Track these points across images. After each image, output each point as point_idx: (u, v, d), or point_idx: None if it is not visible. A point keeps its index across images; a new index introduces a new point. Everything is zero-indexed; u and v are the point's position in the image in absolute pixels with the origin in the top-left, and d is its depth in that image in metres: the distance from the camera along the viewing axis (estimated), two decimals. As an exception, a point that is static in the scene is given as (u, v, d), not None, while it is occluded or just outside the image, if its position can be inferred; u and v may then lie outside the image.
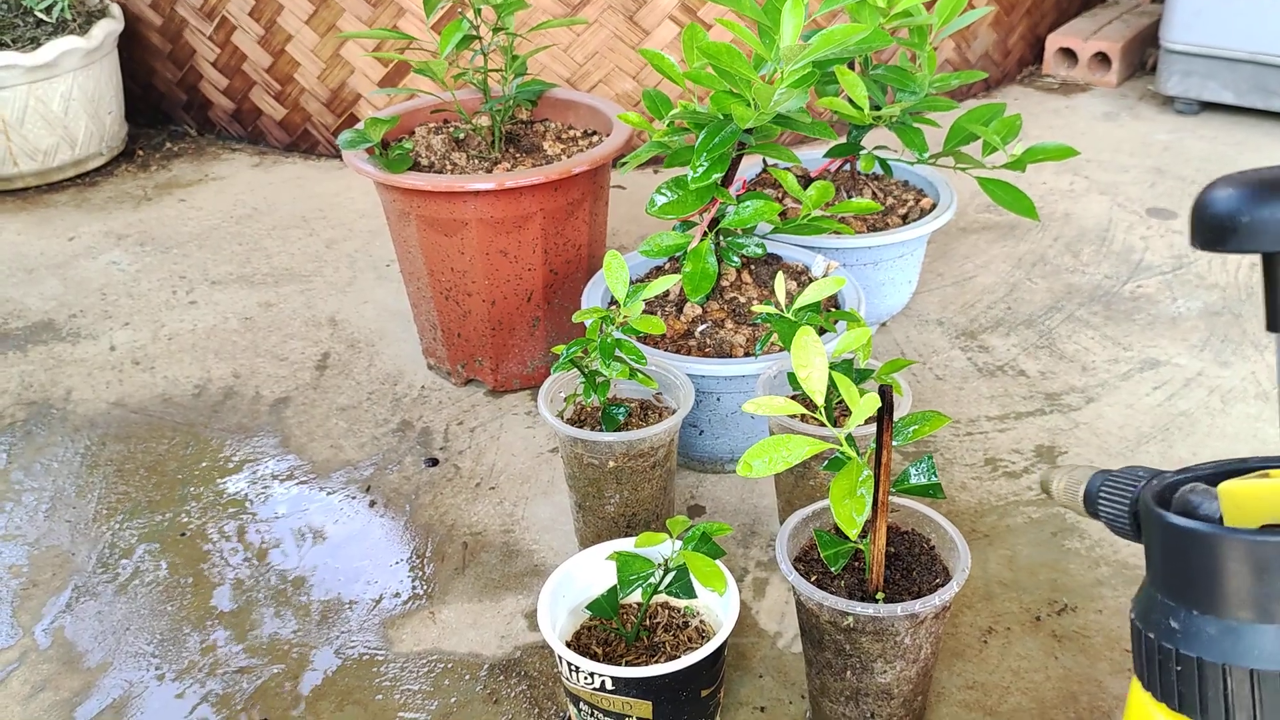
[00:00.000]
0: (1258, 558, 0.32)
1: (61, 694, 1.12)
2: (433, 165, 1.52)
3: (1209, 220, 0.32)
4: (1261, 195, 0.31)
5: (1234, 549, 0.32)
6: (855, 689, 0.96)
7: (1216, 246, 0.32)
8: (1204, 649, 0.33)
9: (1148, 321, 1.69)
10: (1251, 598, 0.32)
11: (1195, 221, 0.33)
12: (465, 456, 1.45)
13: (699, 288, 1.28)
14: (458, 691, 1.11)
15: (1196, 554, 0.33)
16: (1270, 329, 0.34)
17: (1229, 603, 0.33)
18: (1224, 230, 0.32)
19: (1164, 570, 0.34)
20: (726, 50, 1.08)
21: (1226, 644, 0.32)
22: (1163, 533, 0.34)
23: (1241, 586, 0.32)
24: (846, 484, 0.91)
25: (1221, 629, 0.33)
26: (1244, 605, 0.32)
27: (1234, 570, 0.32)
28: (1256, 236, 0.31)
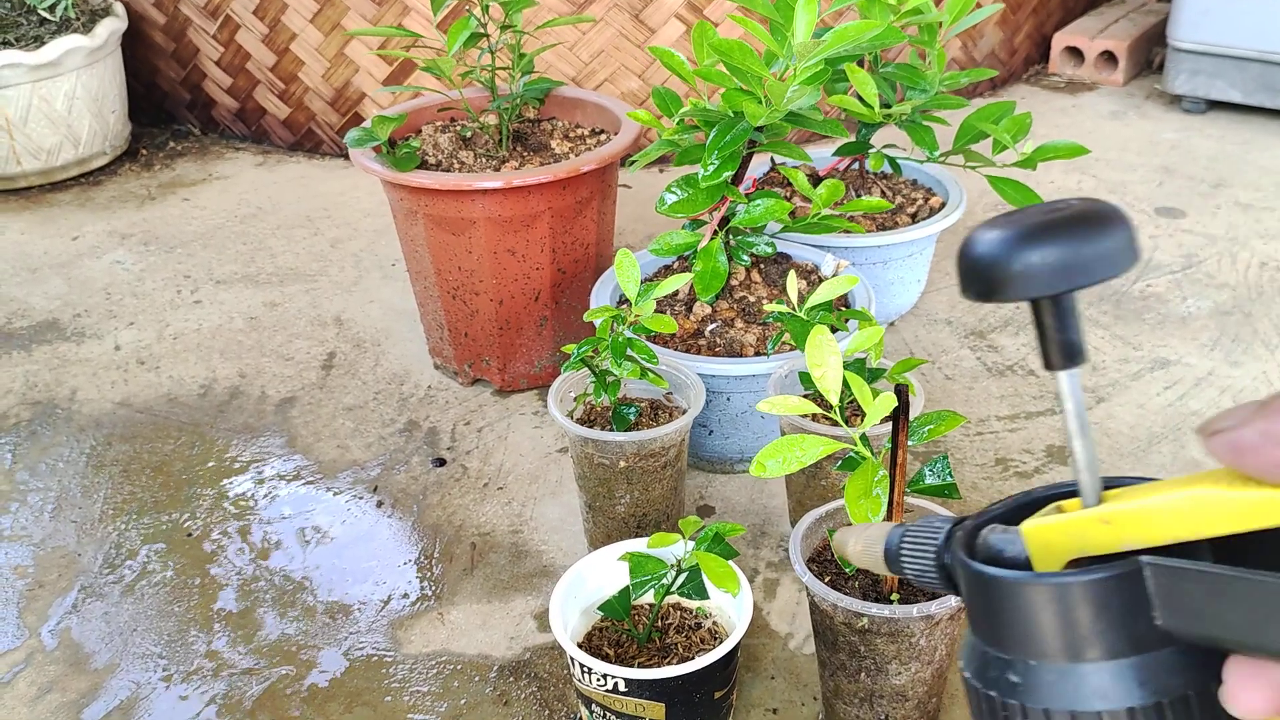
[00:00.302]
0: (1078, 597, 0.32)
1: (69, 695, 1.12)
2: (440, 164, 1.51)
3: (971, 272, 0.32)
4: (1021, 244, 0.30)
5: (1054, 592, 0.32)
6: (870, 691, 0.96)
7: (987, 299, 0.32)
8: (1049, 699, 0.32)
9: (1158, 321, 1.68)
10: (1081, 636, 0.32)
11: (963, 274, 0.32)
12: (473, 456, 1.44)
13: (710, 287, 1.27)
14: (467, 693, 1.10)
15: (1019, 602, 0.32)
16: (1047, 369, 0.33)
17: (1061, 645, 0.32)
18: (989, 281, 0.31)
19: (988, 622, 0.34)
20: (739, 47, 1.07)
21: (1068, 689, 0.32)
22: (981, 585, 0.34)
23: (1069, 627, 0.32)
24: (862, 484, 0.90)
25: (1061, 674, 0.32)
26: (1076, 646, 0.32)
27: (1059, 612, 0.32)
28: (1025, 285, 0.31)
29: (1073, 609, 0.32)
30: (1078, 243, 0.31)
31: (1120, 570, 0.31)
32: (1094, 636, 0.32)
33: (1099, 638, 0.32)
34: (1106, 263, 0.31)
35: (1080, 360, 0.33)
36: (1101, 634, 0.32)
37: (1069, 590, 0.32)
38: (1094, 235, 0.31)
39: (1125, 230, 0.31)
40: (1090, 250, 0.31)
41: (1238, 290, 1.75)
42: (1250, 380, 1.53)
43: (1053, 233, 0.31)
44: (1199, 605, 0.30)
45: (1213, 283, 1.77)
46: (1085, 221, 0.31)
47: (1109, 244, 0.31)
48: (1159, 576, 0.31)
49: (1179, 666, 0.31)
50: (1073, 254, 0.30)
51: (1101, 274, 0.31)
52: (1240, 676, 0.30)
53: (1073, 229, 0.31)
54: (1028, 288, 0.31)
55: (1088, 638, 0.32)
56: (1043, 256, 0.30)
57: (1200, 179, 2.13)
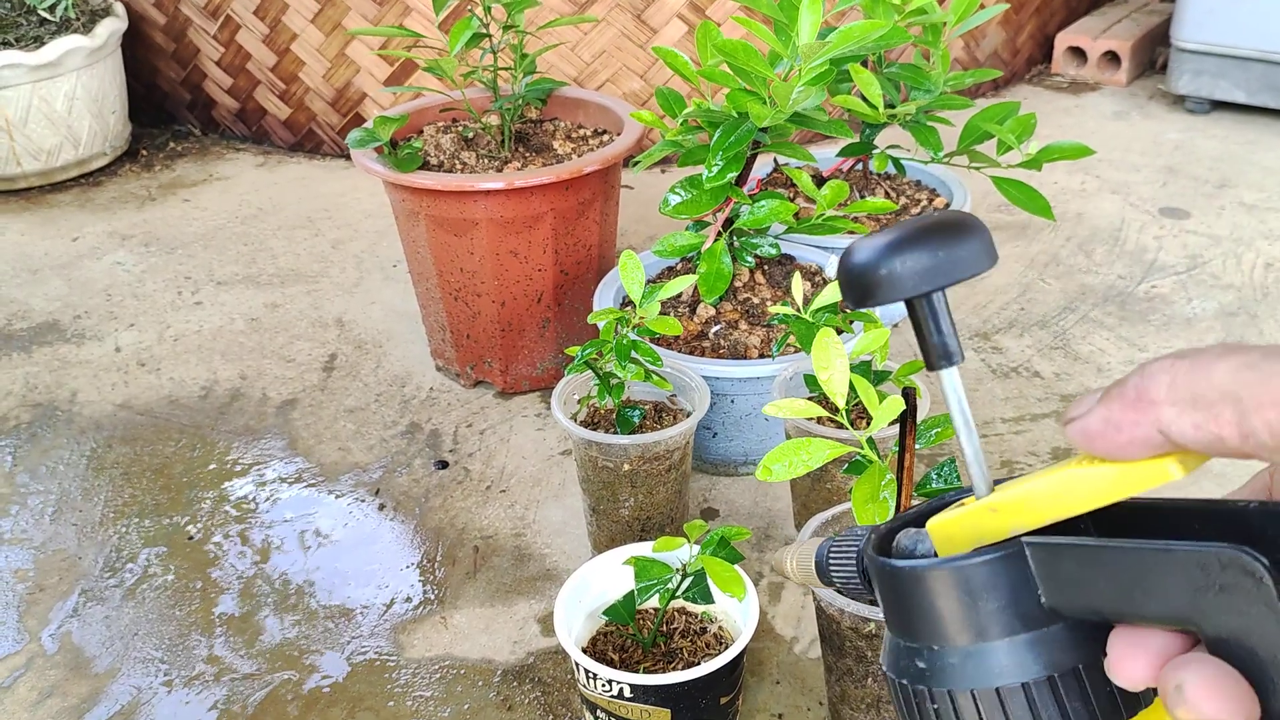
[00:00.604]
0: (970, 580, 0.34)
1: (69, 700, 1.11)
2: (442, 165, 1.50)
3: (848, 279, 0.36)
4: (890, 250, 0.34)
5: (947, 576, 0.34)
6: (876, 696, 0.95)
7: (863, 304, 0.35)
8: (951, 680, 0.34)
9: (1163, 322, 1.67)
10: (975, 619, 0.34)
11: (841, 284, 0.36)
12: (475, 459, 1.44)
13: (714, 288, 1.27)
14: (470, 698, 1.09)
15: (920, 590, 0.35)
16: (929, 369, 0.36)
17: (958, 629, 0.34)
18: (864, 285, 0.35)
19: (896, 614, 0.36)
20: (743, 48, 1.07)
21: (968, 670, 0.34)
22: (888, 578, 0.36)
23: (964, 610, 0.34)
24: (869, 488, 0.90)
25: (961, 656, 0.34)
26: (971, 628, 0.34)
27: (953, 596, 0.34)
28: (895, 286, 0.34)
29: (963, 592, 0.34)
30: (937, 248, 0.34)
31: (1002, 552, 0.34)
32: (987, 617, 0.34)
33: (992, 618, 0.34)
34: (964, 264, 0.34)
35: (956, 360, 0.36)
36: (993, 615, 0.34)
37: (955, 573, 0.34)
38: (952, 240, 0.34)
39: (981, 235, 0.35)
40: (949, 254, 0.34)
41: (1243, 291, 1.74)
42: (1256, 382, 1.52)
43: (915, 240, 0.34)
44: (1076, 578, 0.33)
45: (1218, 284, 1.76)
46: (944, 229, 0.35)
47: (966, 248, 0.34)
48: (1038, 554, 0.33)
49: (1069, 642, 0.33)
50: (933, 258, 0.34)
51: (960, 274, 0.34)
52: (1121, 647, 0.32)
53: (932, 236, 0.34)
54: (897, 290, 0.34)
55: (981, 619, 0.34)
56: (906, 261, 0.34)
57: (1204, 179, 2.12)
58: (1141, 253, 1.87)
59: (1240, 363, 0.29)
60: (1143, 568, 0.31)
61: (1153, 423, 0.30)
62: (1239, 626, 0.29)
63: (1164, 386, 0.30)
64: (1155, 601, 0.31)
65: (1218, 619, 0.30)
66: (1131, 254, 1.87)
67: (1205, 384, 0.29)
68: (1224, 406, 0.28)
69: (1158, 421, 0.30)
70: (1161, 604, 0.31)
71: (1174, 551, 0.30)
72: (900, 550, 0.38)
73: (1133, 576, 0.31)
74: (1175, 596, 0.30)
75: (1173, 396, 0.29)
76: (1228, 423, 0.28)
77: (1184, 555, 0.30)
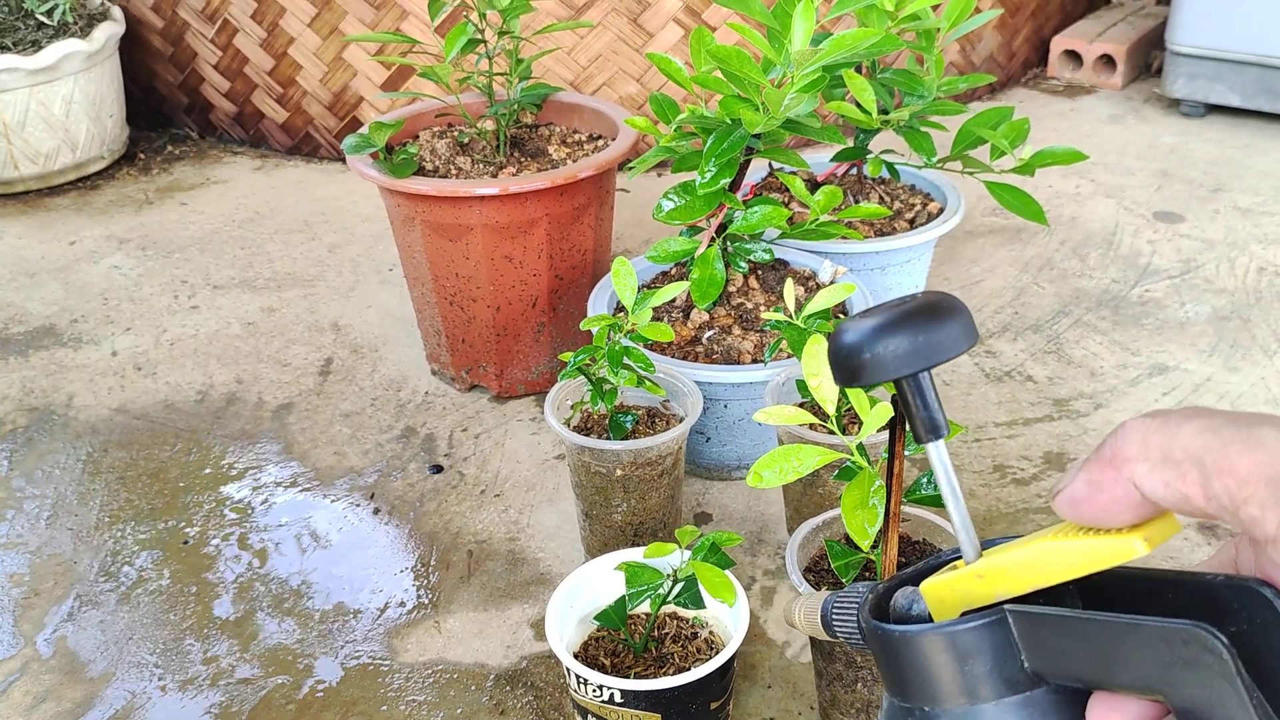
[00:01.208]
0: (957, 645, 0.35)
1: (64, 705, 1.11)
2: (437, 170, 1.51)
3: (837, 360, 0.37)
4: (876, 335, 0.36)
5: (935, 642, 0.36)
6: (866, 701, 0.95)
7: (852, 384, 0.37)
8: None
9: (1156, 326, 1.68)
10: (963, 682, 0.35)
11: (832, 366, 0.38)
12: (470, 463, 1.44)
13: (707, 294, 1.27)
14: (463, 702, 1.09)
15: (910, 654, 0.36)
16: (917, 442, 0.38)
17: (948, 691, 0.36)
18: (852, 367, 0.37)
19: (890, 675, 0.38)
20: (736, 54, 1.07)
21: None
22: (881, 641, 0.38)
23: (952, 674, 0.36)
24: (858, 494, 0.90)
25: (951, 718, 0.36)
26: (960, 691, 0.36)
27: (941, 660, 0.36)
28: (881, 369, 0.36)
29: (951, 656, 0.36)
30: (919, 331, 0.36)
31: (987, 619, 0.35)
32: (974, 680, 0.35)
33: (979, 681, 0.35)
34: (945, 347, 0.36)
35: (941, 433, 0.37)
36: (981, 678, 0.35)
37: (943, 639, 0.36)
38: (933, 324, 0.36)
39: (961, 317, 0.37)
40: (930, 337, 0.36)
41: (1236, 295, 1.75)
42: (1248, 386, 1.53)
43: (898, 324, 0.36)
44: (1055, 646, 0.34)
45: (1211, 288, 1.77)
46: (926, 313, 0.36)
47: (946, 331, 0.36)
48: (1019, 622, 0.35)
49: (1051, 705, 0.35)
50: (914, 342, 0.36)
51: (941, 357, 0.36)
52: (1100, 712, 0.33)
53: (914, 320, 0.36)
54: (881, 372, 0.36)
55: (969, 682, 0.35)
56: (889, 345, 0.36)
57: (1199, 183, 2.13)
58: (1135, 257, 1.87)
59: (1204, 426, 0.30)
60: (1113, 639, 0.32)
61: (1128, 478, 0.31)
62: (1202, 699, 0.31)
63: (1136, 444, 0.31)
64: (1126, 672, 0.32)
65: (1183, 691, 0.31)
66: (1125, 258, 1.87)
67: (1173, 444, 0.30)
68: (1190, 468, 0.30)
69: (1132, 477, 0.31)
70: (1131, 674, 0.32)
71: (1141, 626, 0.32)
72: (896, 610, 0.39)
73: (1104, 647, 0.33)
74: (1144, 668, 0.32)
75: (1144, 454, 0.31)
76: (1194, 483, 0.30)
77: (1150, 630, 0.31)
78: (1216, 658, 0.30)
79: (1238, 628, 0.30)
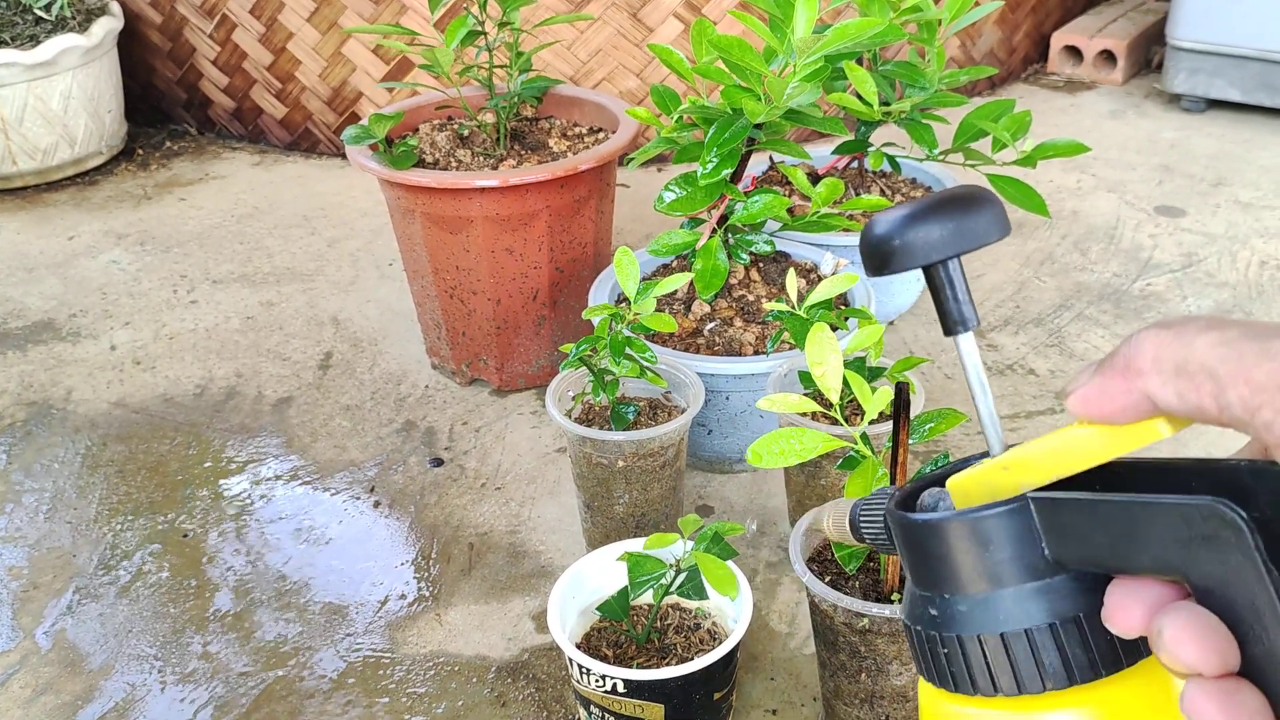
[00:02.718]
0: (979, 531, 0.36)
1: (63, 697, 1.11)
2: (437, 162, 1.50)
3: (868, 249, 0.38)
4: (906, 222, 0.37)
5: (957, 528, 0.36)
6: (870, 692, 0.95)
7: (881, 272, 0.38)
8: (960, 626, 0.36)
9: (1158, 320, 1.67)
10: (983, 569, 0.36)
11: (864, 254, 0.39)
12: (470, 456, 1.44)
13: (710, 285, 1.27)
14: (465, 694, 1.09)
15: (933, 541, 0.37)
16: (946, 334, 0.39)
17: (968, 578, 0.36)
18: (883, 254, 0.37)
19: (913, 565, 0.38)
20: (738, 44, 1.07)
21: (976, 617, 0.36)
22: (905, 531, 0.38)
23: (973, 560, 0.36)
24: (862, 483, 0.90)
25: (970, 604, 0.36)
26: (980, 578, 0.36)
27: (963, 547, 0.36)
28: (910, 255, 0.37)
29: (972, 543, 0.36)
30: (950, 218, 0.37)
31: (1009, 506, 0.36)
32: (994, 567, 0.36)
33: (999, 568, 0.36)
34: (976, 234, 0.37)
35: (970, 325, 0.38)
36: (1000, 565, 0.36)
37: (965, 525, 0.36)
38: (965, 211, 0.37)
39: (993, 206, 0.37)
40: (961, 224, 0.37)
41: (1238, 289, 1.74)
42: (1251, 379, 1.52)
43: (929, 212, 0.37)
44: (1075, 531, 0.34)
45: (1213, 281, 1.77)
46: (957, 201, 0.37)
47: (978, 219, 0.37)
48: (1041, 507, 0.35)
49: (1071, 591, 0.35)
50: (945, 227, 0.37)
51: (972, 243, 0.37)
52: (1118, 597, 0.33)
53: (946, 207, 0.37)
54: (912, 258, 0.37)
55: (989, 569, 0.36)
56: (920, 231, 0.37)
57: (1200, 178, 2.13)
58: (1137, 251, 1.87)
59: (1219, 338, 0.30)
60: (1132, 520, 0.33)
61: (1140, 390, 0.32)
62: (1220, 576, 0.31)
63: (1149, 357, 0.31)
64: (1144, 552, 0.33)
65: (1201, 569, 0.31)
66: (1127, 252, 1.87)
67: (1187, 356, 0.30)
68: (1203, 379, 0.30)
69: (1145, 389, 0.31)
70: (1150, 555, 0.33)
71: (1160, 504, 0.32)
72: (922, 507, 0.40)
73: (1124, 528, 0.33)
74: (1162, 547, 0.32)
75: (1158, 366, 0.31)
76: (1207, 394, 0.30)
77: (1168, 508, 0.32)
78: (1235, 532, 0.30)
79: (1260, 513, 0.30)
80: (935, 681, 0.37)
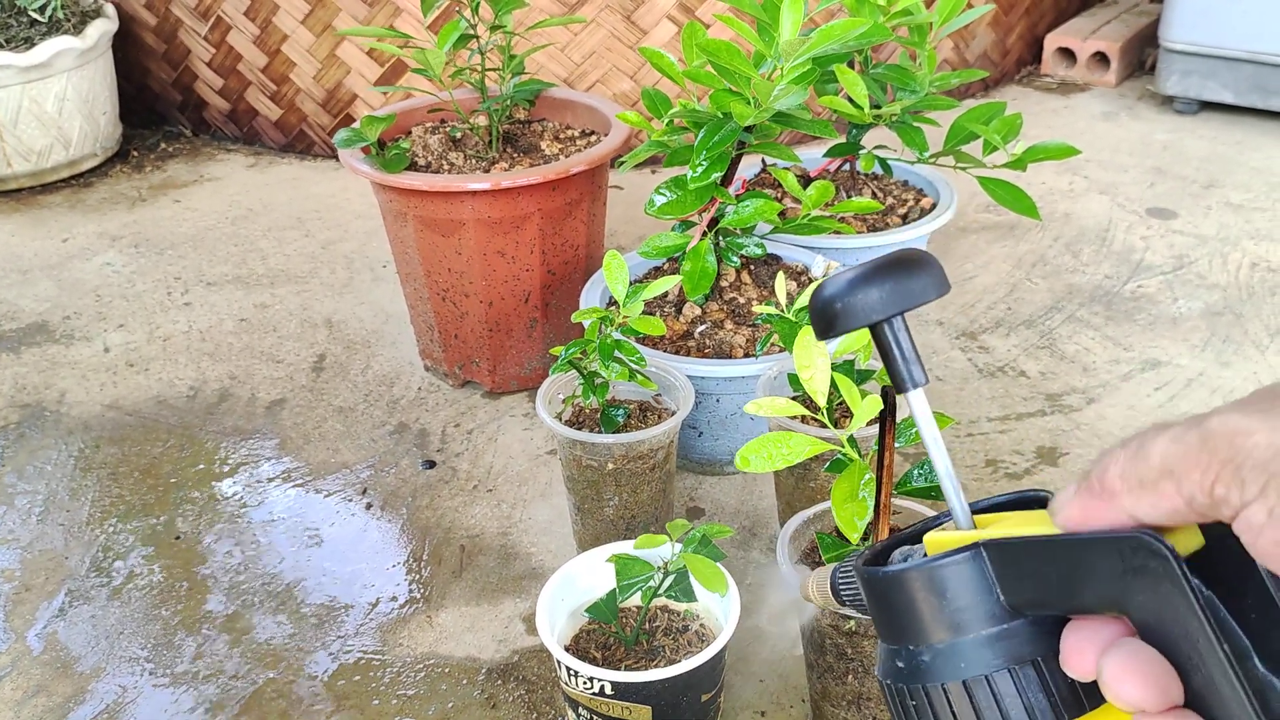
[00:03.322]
0: (934, 580, 0.37)
1: (54, 699, 1.11)
2: (430, 165, 1.51)
3: (815, 313, 0.40)
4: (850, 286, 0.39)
5: (916, 578, 0.37)
6: (857, 693, 0.95)
7: (829, 334, 0.40)
8: (925, 677, 0.37)
9: (1149, 322, 1.68)
10: (943, 617, 0.37)
11: (812, 318, 0.41)
12: (463, 458, 1.44)
13: (698, 287, 1.27)
14: (455, 696, 1.09)
15: (894, 593, 0.38)
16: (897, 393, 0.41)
17: (930, 628, 0.37)
18: (829, 316, 0.39)
19: (879, 620, 0.39)
20: (726, 47, 1.07)
21: (939, 666, 0.37)
22: (867, 585, 0.39)
23: (932, 609, 0.37)
24: (848, 486, 0.90)
25: (933, 654, 0.37)
26: (941, 626, 0.37)
27: (922, 597, 0.37)
28: (854, 316, 0.39)
29: (929, 592, 0.37)
30: (889, 280, 0.39)
31: (962, 552, 0.37)
32: (953, 615, 0.37)
33: (957, 616, 0.37)
34: (915, 293, 0.39)
35: (920, 382, 0.40)
36: (958, 613, 0.37)
37: (921, 575, 0.37)
38: (904, 273, 0.39)
39: (930, 268, 0.39)
40: (900, 285, 0.39)
41: (1228, 291, 1.75)
42: (1240, 381, 1.53)
43: (871, 276, 0.39)
44: (1025, 573, 0.35)
45: (1204, 283, 1.77)
46: (897, 265, 0.39)
47: (917, 280, 0.39)
48: (993, 552, 0.36)
49: (1029, 636, 0.36)
50: (884, 289, 0.38)
51: (910, 303, 0.38)
52: (1072, 640, 0.34)
53: (886, 271, 0.39)
54: (855, 319, 0.39)
55: (948, 617, 0.37)
56: (860, 294, 0.38)
57: (1192, 180, 2.13)
58: (1128, 253, 1.88)
59: (1168, 439, 0.31)
60: (1074, 558, 0.34)
61: (1119, 510, 0.33)
62: (1155, 607, 0.32)
63: (1117, 477, 0.33)
64: (1088, 590, 0.34)
65: (1137, 601, 0.32)
66: (1118, 254, 1.87)
67: (1145, 467, 0.32)
68: (1165, 483, 0.31)
69: (1123, 509, 0.33)
70: (1093, 592, 0.33)
71: (1096, 541, 0.33)
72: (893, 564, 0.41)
73: (1067, 567, 0.34)
74: (1103, 584, 0.33)
75: (1126, 485, 0.32)
76: (1173, 496, 0.31)
77: (1103, 543, 0.33)
78: (1162, 561, 0.31)
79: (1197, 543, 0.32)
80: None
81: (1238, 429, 0.29)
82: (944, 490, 0.39)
